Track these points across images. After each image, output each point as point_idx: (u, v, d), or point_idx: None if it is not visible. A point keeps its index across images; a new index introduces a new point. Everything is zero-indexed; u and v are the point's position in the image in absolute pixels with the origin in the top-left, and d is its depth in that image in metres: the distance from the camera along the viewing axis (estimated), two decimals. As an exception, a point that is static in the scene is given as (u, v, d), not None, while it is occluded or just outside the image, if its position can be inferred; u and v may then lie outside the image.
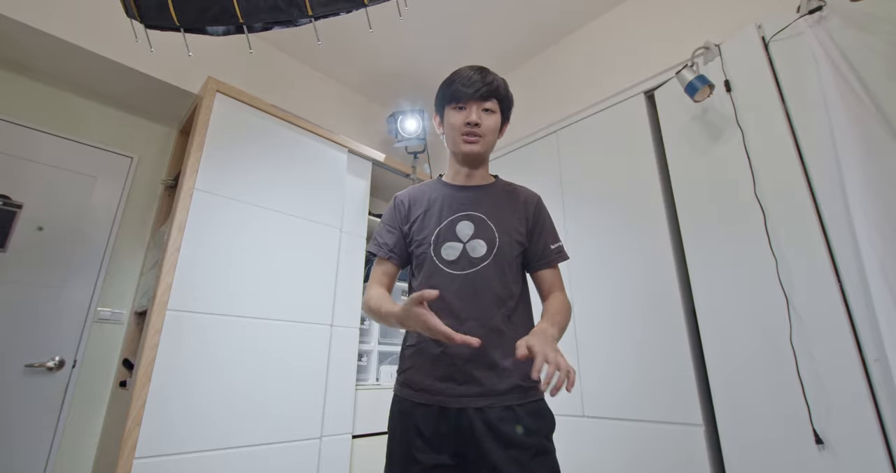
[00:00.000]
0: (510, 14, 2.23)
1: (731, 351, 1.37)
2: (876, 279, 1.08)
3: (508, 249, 0.98)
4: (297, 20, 1.22)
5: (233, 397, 1.61)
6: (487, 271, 0.95)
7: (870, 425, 1.07)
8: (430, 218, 1.03)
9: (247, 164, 1.88)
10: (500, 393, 0.89)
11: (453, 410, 0.89)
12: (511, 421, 0.87)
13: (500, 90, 1.01)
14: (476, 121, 0.98)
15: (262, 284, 1.79)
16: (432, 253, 0.99)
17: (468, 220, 1.00)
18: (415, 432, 0.91)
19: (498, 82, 1.01)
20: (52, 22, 1.72)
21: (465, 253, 0.97)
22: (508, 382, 0.90)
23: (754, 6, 1.61)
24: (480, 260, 0.96)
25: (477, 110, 0.99)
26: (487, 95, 0.98)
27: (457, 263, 0.96)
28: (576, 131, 2.07)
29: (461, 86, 0.99)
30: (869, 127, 1.19)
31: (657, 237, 1.64)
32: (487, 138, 1.01)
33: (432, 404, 0.91)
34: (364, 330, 2.25)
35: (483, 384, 0.90)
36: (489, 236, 0.98)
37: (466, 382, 0.90)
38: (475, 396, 0.89)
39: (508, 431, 0.86)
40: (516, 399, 0.89)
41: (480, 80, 0.98)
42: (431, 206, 1.05)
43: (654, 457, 1.46)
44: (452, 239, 0.99)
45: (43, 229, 1.83)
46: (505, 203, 1.04)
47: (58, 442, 1.72)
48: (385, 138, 2.84)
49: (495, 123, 1.01)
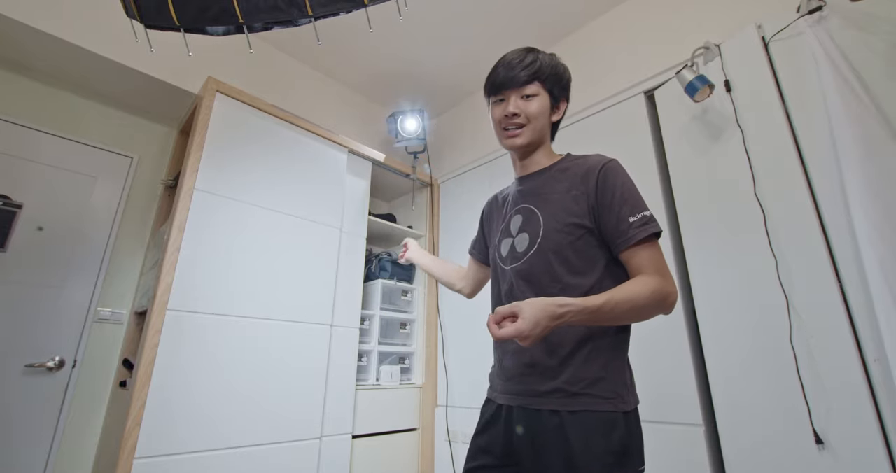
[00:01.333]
0: (510, 14, 2.23)
1: (731, 351, 1.37)
2: (876, 279, 1.08)
3: (557, 236, 0.86)
4: (297, 20, 1.22)
5: (233, 397, 1.61)
6: (532, 264, 0.88)
7: (870, 425, 1.07)
8: (498, 217, 1.06)
9: (247, 164, 1.88)
10: (540, 394, 0.81)
11: (504, 408, 0.88)
12: (556, 429, 0.77)
13: (543, 70, 0.92)
14: (514, 112, 0.91)
15: (262, 284, 1.79)
16: (495, 252, 1.01)
17: (519, 214, 0.97)
18: (479, 429, 0.93)
19: (540, 62, 0.92)
20: (52, 22, 1.72)
21: (513, 247, 0.94)
22: (551, 384, 0.81)
23: (754, 6, 1.61)
24: (524, 254, 0.90)
25: (515, 99, 0.92)
26: (527, 80, 0.90)
27: (508, 258, 0.95)
28: (576, 131, 2.07)
29: (498, 77, 0.93)
30: (869, 127, 1.19)
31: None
32: (533, 125, 0.93)
33: (492, 401, 0.93)
34: (364, 330, 2.25)
35: (526, 383, 0.84)
36: (534, 227, 0.91)
37: (515, 378, 0.87)
38: (518, 394, 0.85)
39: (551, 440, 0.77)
40: (560, 405, 0.79)
41: (519, 65, 0.91)
42: (504, 206, 1.06)
43: (654, 457, 1.46)
44: (507, 234, 0.98)
45: (43, 229, 1.83)
46: (557, 184, 0.92)
47: (58, 442, 1.72)
48: (385, 138, 2.84)
49: (540, 107, 0.93)
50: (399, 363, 2.38)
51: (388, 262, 2.49)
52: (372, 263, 2.49)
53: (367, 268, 2.44)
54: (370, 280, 2.43)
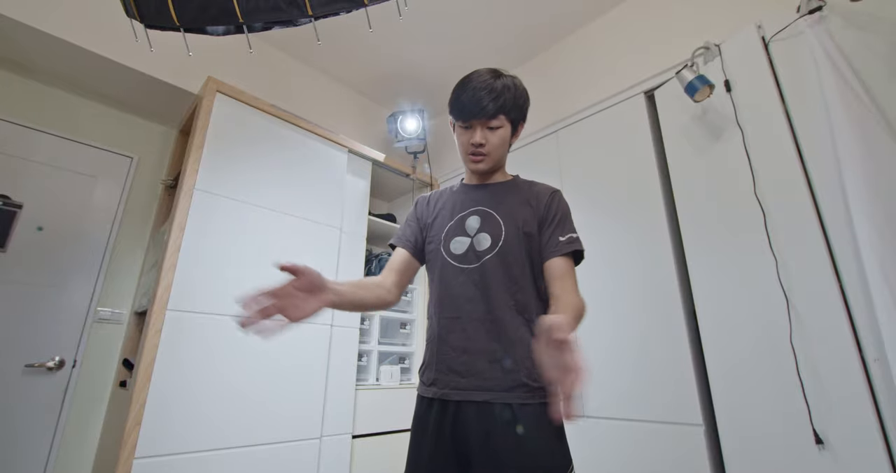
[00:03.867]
0: (511, 14, 2.23)
1: (731, 351, 1.37)
2: (876, 279, 1.08)
3: (515, 241, 0.95)
4: (297, 20, 1.22)
5: (233, 397, 1.61)
6: (492, 264, 0.94)
7: (870, 425, 1.07)
8: (443, 216, 1.07)
9: (247, 164, 1.88)
10: (502, 390, 0.86)
11: (453, 404, 0.89)
12: (512, 422, 0.83)
13: (507, 104, 0.96)
14: (480, 142, 0.98)
15: (262, 284, 1.78)
16: (441, 249, 1.01)
17: (476, 215, 1.01)
18: (421, 430, 0.92)
19: (505, 96, 0.96)
20: (52, 22, 1.72)
21: (472, 246, 0.97)
22: (511, 379, 0.86)
23: (754, 6, 1.61)
24: (485, 253, 0.95)
25: (482, 131, 0.97)
26: (493, 114, 0.95)
27: (464, 257, 0.98)
28: (576, 131, 2.07)
29: (467, 104, 0.96)
30: (869, 127, 1.19)
31: (657, 237, 1.64)
32: (494, 154, 1.00)
33: (436, 398, 0.91)
34: (364, 330, 2.25)
35: (486, 377, 0.88)
36: (495, 229, 0.97)
37: (469, 375, 0.89)
38: (475, 389, 0.88)
39: (509, 432, 0.83)
40: (519, 398, 0.85)
41: (486, 96, 0.94)
42: (446, 206, 1.08)
43: (654, 457, 1.46)
44: (461, 233, 1.01)
45: (43, 229, 1.83)
46: (516, 197, 1.02)
47: (58, 442, 1.72)
48: (385, 138, 2.84)
49: (501, 138, 0.99)
50: (399, 363, 2.38)
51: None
52: (372, 263, 2.49)
53: (367, 268, 2.44)
54: (370, 280, 2.42)
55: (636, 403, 1.55)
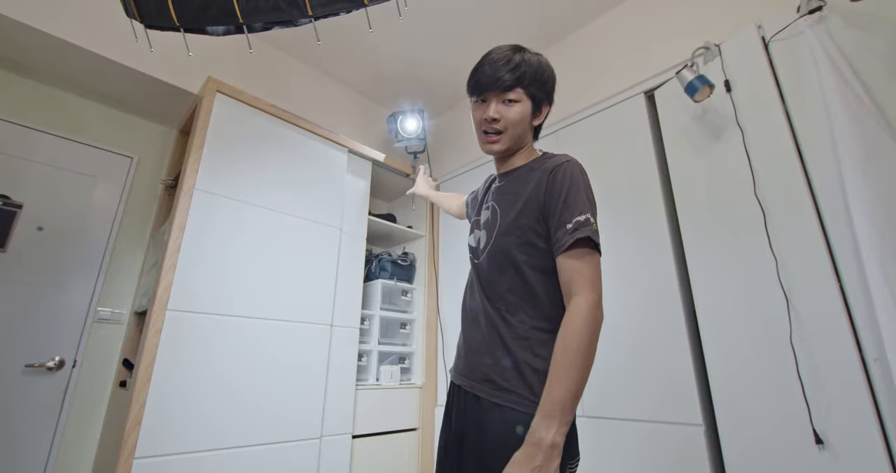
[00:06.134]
0: (510, 14, 2.23)
1: (731, 351, 1.37)
2: (876, 279, 1.08)
3: (506, 238, 0.88)
4: (297, 20, 1.22)
5: (233, 397, 1.61)
6: (485, 262, 0.93)
7: (870, 425, 1.07)
8: (474, 207, 1.11)
9: (247, 164, 1.88)
10: (475, 380, 0.89)
11: (455, 385, 0.96)
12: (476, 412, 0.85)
13: (526, 75, 0.89)
14: (494, 117, 0.90)
15: (262, 284, 1.79)
16: (469, 239, 1.05)
17: (488, 210, 0.99)
18: (446, 407, 0.99)
19: (525, 67, 0.88)
20: (52, 22, 1.72)
21: (479, 241, 0.98)
22: (482, 372, 0.87)
23: (754, 6, 1.61)
24: (483, 250, 0.95)
25: (496, 104, 0.90)
26: (510, 85, 0.88)
27: (475, 251, 1.00)
28: (576, 131, 2.07)
29: (481, 77, 0.90)
30: (869, 127, 1.19)
31: (657, 237, 1.64)
32: (510, 132, 0.92)
33: (452, 380, 1.00)
34: (364, 330, 2.25)
35: (469, 365, 0.93)
36: (492, 225, 0.94)
37: (462, 362, 0.96)
38: (461, 374, 0.95)
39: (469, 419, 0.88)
40: (483, 392, 0.85)
41: (504, 67, 0.87)
42: (478, 197, 1.11)
43: (654, 457, 1.46)
44: (477, 227, 1.03)
45: (43, 229, 1.83)
46: (520, 185, 0.92)
47: (58, 442, 1.72)
48: (385, 138, 2.84)
49: (519, 114, 0.91)
50: (399, 363, 2.38)
51: (388, 262, 2.49)
52: (372, 263, 2.49)
53: (367, 268, 2.44)
54: (370, 280, 2.43)
55: (636, 403, 1.55)
